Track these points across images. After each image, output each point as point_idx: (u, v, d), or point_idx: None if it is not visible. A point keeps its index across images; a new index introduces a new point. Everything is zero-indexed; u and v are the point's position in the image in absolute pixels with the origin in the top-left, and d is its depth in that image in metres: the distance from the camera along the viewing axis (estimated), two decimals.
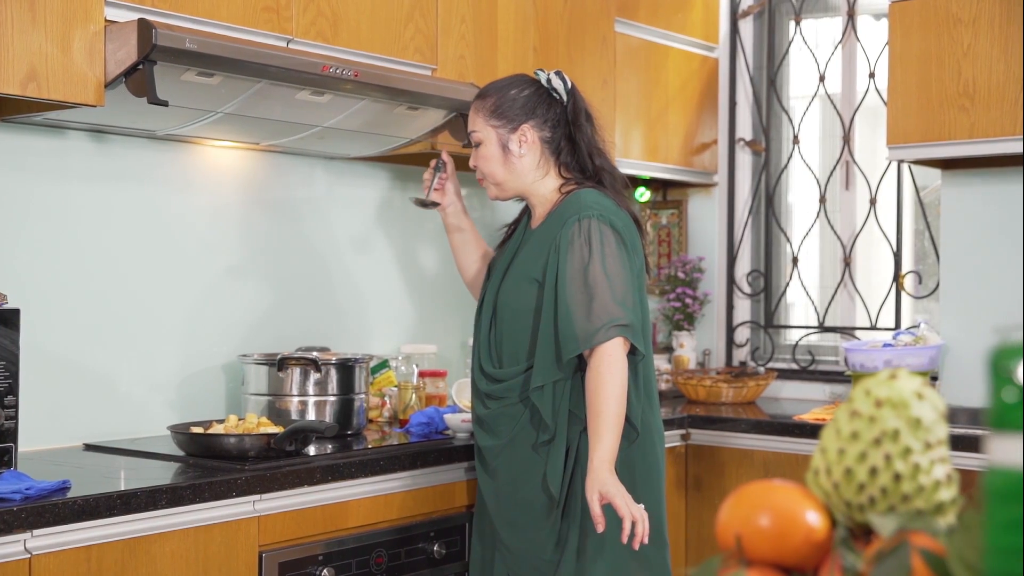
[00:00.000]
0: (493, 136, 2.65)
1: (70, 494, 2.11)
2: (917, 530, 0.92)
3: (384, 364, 3.32)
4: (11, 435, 2.21)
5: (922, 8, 3.39)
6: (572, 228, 2.50)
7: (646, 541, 2.34)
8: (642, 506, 2.36)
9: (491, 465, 2.58)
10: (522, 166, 2.65)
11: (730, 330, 4.26)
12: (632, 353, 2.49)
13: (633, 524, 2.32)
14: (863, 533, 1.01)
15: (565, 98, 2.66)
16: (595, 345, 2.41)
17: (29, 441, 2.64)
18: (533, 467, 2.51)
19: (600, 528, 2.34)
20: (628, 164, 3.79)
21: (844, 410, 1.02)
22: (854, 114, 4.03)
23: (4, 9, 2.26)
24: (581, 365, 2.48)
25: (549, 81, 2.67)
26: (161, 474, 2.38)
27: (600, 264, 2.46)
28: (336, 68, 2.68)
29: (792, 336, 4.24)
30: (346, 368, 2.92)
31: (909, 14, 3.42)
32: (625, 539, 2.33)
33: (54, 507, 2.05)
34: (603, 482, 2.35)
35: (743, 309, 4.28)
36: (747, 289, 4.26)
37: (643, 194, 4.29)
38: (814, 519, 0.99)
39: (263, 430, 2.57)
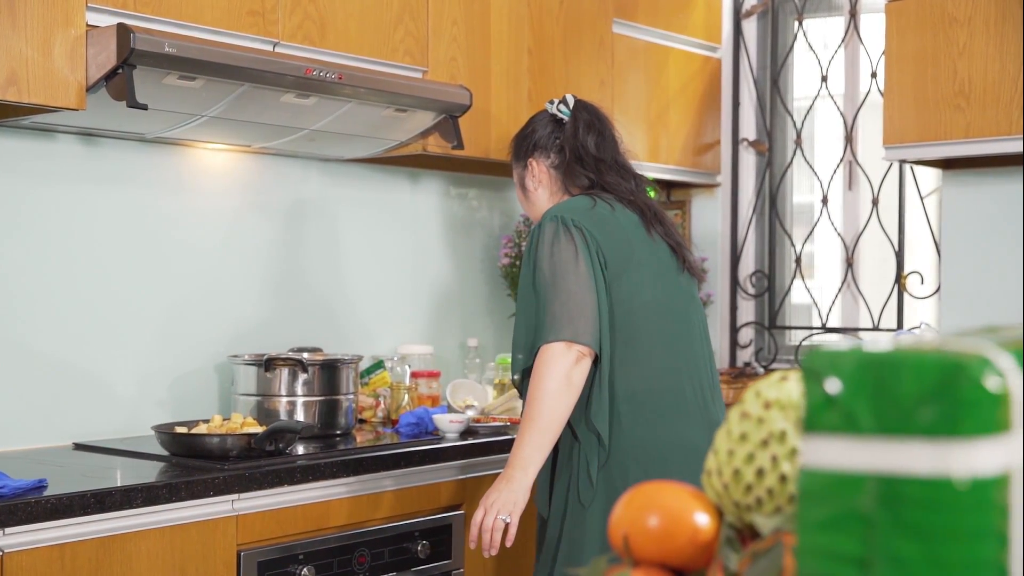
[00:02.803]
0: (516, 178, 2.74)
1: (46, 493, 2.14)
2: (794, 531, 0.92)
3: (379, 365, 3.34)
4: None
5: (918, 7, 3.37)
6: (528, 240, 2.49)
7: (493, 553, 2.37)
8: (503, 517, 2.34)
9: None
10: (538, 199, 2.67)
11: (734, 331, 4.25)
12: (595, 363, 2.40)
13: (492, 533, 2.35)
14: (752, 534, 1.01)
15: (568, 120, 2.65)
16: (537, 351, 2.37)
17: (19, 440, 2.69)
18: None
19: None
20: None
21: (735, 411, 1.02)
22: (856, 114, 4.01)
23: None
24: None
25: (554, 106, 2.68)
26: (141, 473, 2.40)
27: (546, 268, 2.40)
28: (319, 71, 2.70)
29: (796, 337, 4.23)
30: (333, 368, 2.95)
31: (905, 13, 3.40)
32: (472, 546, 2.38)
33: (27, 505, 2.07)
34: (492, 487, 2.37)
35: (747, 310, 4.27)
36: (751, 290, 4.25)
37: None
38: (702, 520, 1.00)
39: (246, 430, 2.60)
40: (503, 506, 2.34)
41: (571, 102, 2.67)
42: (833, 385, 0.65)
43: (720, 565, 0.96)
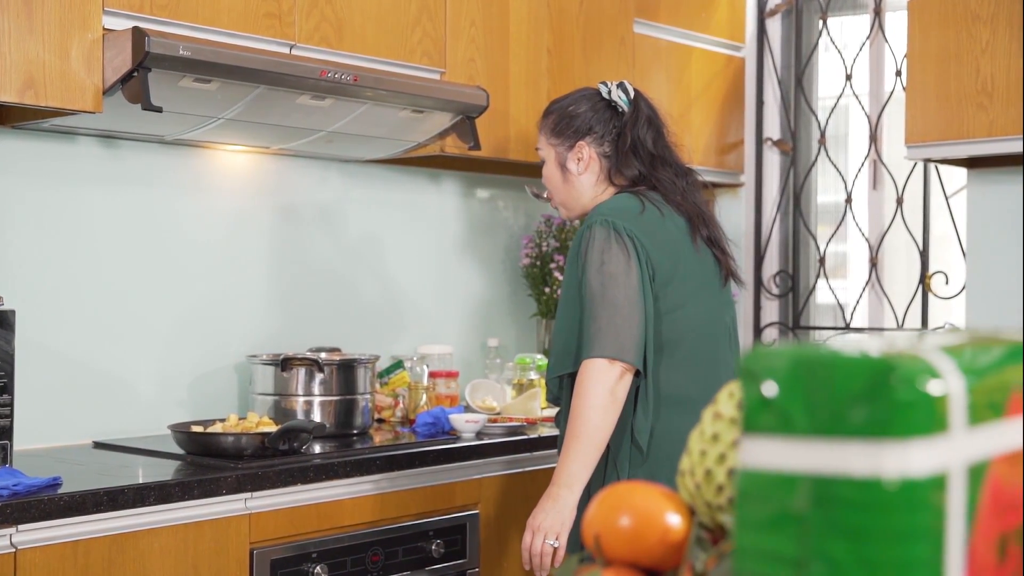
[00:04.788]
0: (552, 155, 2.60)
1: (60, 490, 2.17)
2: None
3: (398, 364, 3.36)
4: (6, 433, 2.28)
5: (941, 5, 3.34)
6: (576, 240, 2.43)
7: (544, 575, 2.35)
8: (550, 542, 2.33)
9: None
10: (580, 184, 2.56)
11: (757, 331, 4.24)
12: (636, 373, 2.35)
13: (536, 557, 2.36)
14: (724, 535, 1.01)
15: (627, 109, 2.57)
16: (581, 362, 2.34)
17: (40, 439, 2.72)
18: None
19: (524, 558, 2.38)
20: None
21: (709, 412, 1.02)
22: (881, 112, 3.98)
23: (1, 18, 2.33)
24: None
25: (610, 93, 2.58)
26: (155, 472, 2.43)
27: (595, 278, 2.34)
28: (334, 72, 2.72)
29: (820, 337, 4.20)
30: (349, 368, 2.96)
31: (928, 11, 3.37)
32: (526, 568, 2.38)
33: (40, 503, 2.10)
34: (537, 507, 2.37)
35: (770, 310, 4.25)
36: (775, 290, 4.23)
37: None
38: (673, 520, 1.00)
39: (261, 429, 2.62)
40: (550, 528, 2.33)
41: (631, 91, 2.58)
42: (769, 388, 0.65)
43: (689, 565, 0.96)
